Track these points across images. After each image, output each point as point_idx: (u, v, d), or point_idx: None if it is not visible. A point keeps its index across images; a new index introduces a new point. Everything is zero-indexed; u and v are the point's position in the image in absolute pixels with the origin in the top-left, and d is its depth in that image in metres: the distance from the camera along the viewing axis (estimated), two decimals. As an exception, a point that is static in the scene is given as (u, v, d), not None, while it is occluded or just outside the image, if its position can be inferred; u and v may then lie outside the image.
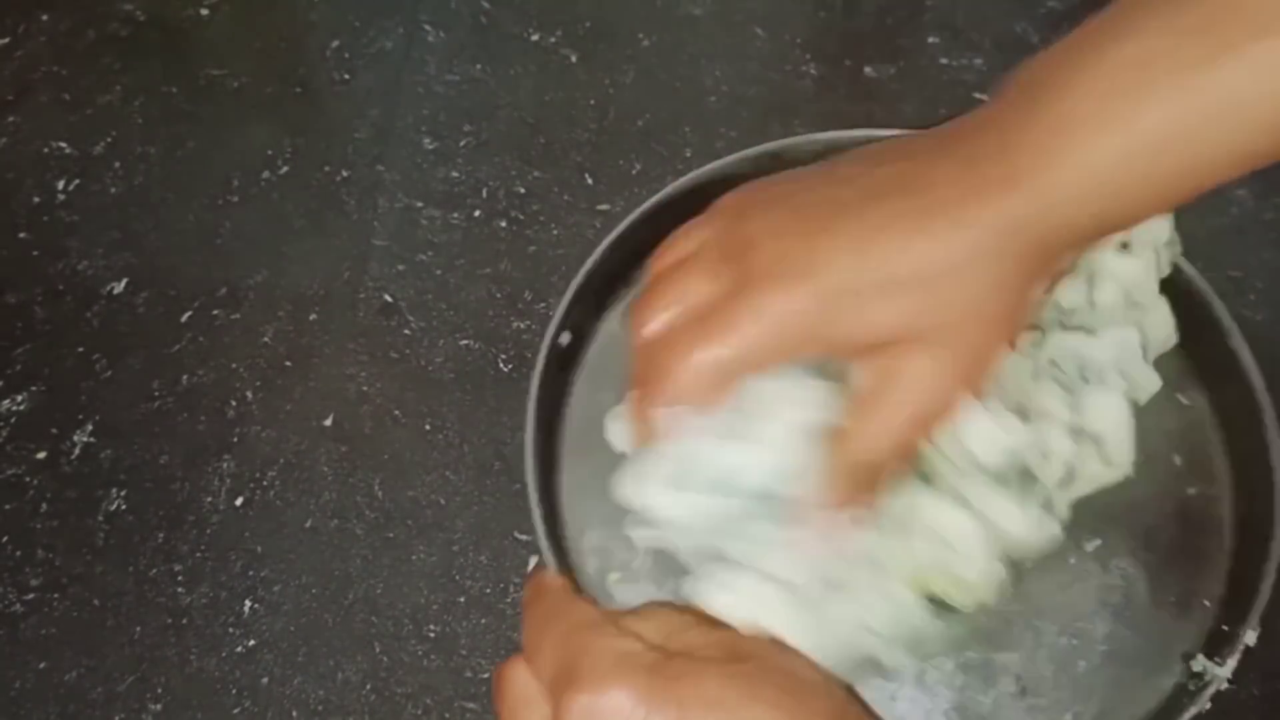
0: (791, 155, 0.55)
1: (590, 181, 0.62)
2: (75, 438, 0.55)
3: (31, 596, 0.51)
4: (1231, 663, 0.45)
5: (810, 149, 0.55)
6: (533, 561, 0.47)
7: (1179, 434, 0.52)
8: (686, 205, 0.53)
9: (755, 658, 0.39)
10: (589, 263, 0.52)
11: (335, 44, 0.67)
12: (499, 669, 0.40)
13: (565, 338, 0.52)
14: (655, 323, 0.43)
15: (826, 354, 0.41)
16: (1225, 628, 0.47)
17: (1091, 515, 0.49)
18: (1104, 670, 0.48)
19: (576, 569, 0.48)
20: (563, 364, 0.52)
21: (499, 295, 0.58)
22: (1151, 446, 0.50)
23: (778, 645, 0.42)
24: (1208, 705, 0.45)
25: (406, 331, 0.58)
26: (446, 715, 0.49)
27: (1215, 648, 0.47)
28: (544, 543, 0.46)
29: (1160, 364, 0.49)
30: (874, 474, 0.42)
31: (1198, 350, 0.52)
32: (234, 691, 0.49)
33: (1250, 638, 0.45)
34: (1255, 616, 0.46)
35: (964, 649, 0.48)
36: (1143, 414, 0.48)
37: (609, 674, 0.37)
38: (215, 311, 0.58)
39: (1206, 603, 0.49)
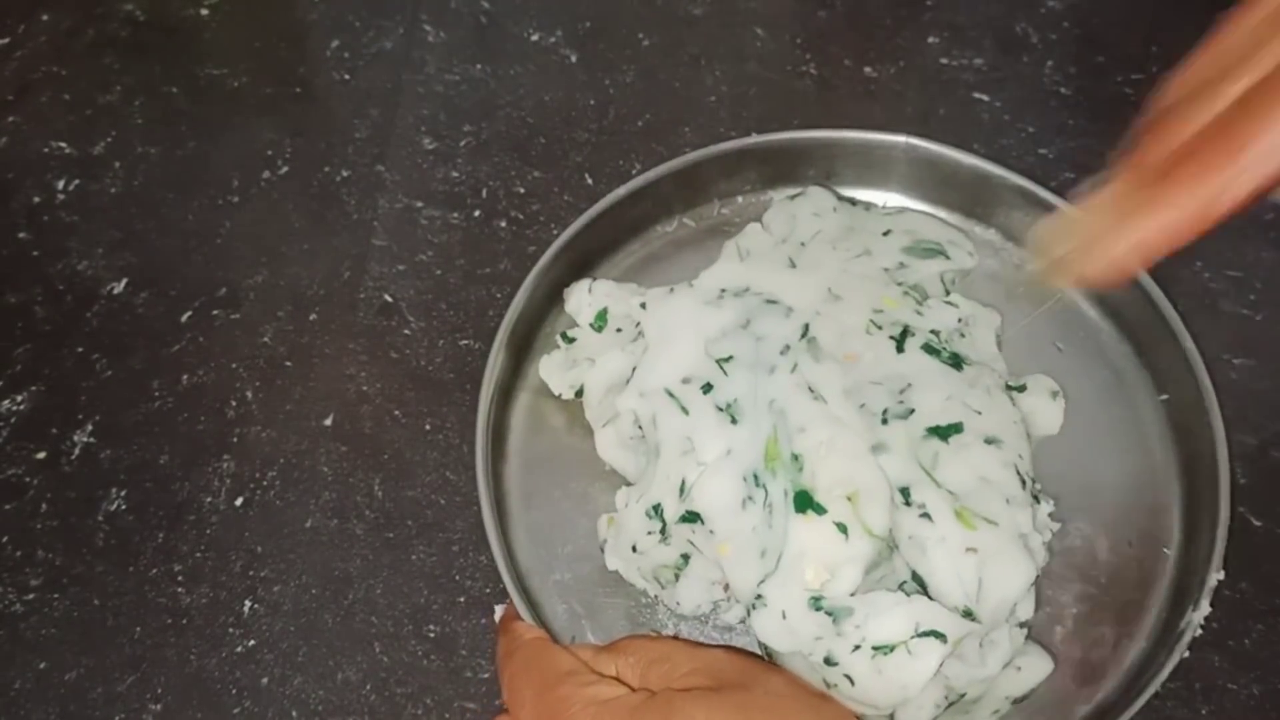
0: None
1: (590, 181, 0.62)
2: (75, 438, 0.55)
3: (31, 596, 0.51)
4: (1205, 606, 0.46)
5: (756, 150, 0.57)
6: (499, 611, 0.47)
7: (1112, 391, 0.53)
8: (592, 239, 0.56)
9: (739, 682, 0.39)
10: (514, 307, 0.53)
11: (335, 44, 0.67)
12: None
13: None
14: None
15: None
16: (1190, 573, 0.48)
17: (1042, 480, 0.49)
18: (1080, 633, 0.48)
19: (544, 612, 0.49)
20: (500, 404, 0.53)
21: (499, 295, 0.58)
22: (1091, 404, 0.52)
23: (760, 664, 0.42)
24: (1186, 653, 0.45)
25: (406, 331, 0.58)
26: (446, 715, 0.49)
27: (1182, 594, 0.48)
28: (513, 591, 0.46)
29: (1091, 333, 0.54)
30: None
31: (1130, 317, 0.54)
32: (234, 691, 0.49)
33: (1214, 580, 0.46)
34: (1217, 560, 0.46)
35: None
36: (1078, 376, 0.51)
37: None
38: (215, 311, 0.58)
39: (1167, 550, 0.50)
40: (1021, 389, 0.50)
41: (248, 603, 0.51)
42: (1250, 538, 0.51)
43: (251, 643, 0.50)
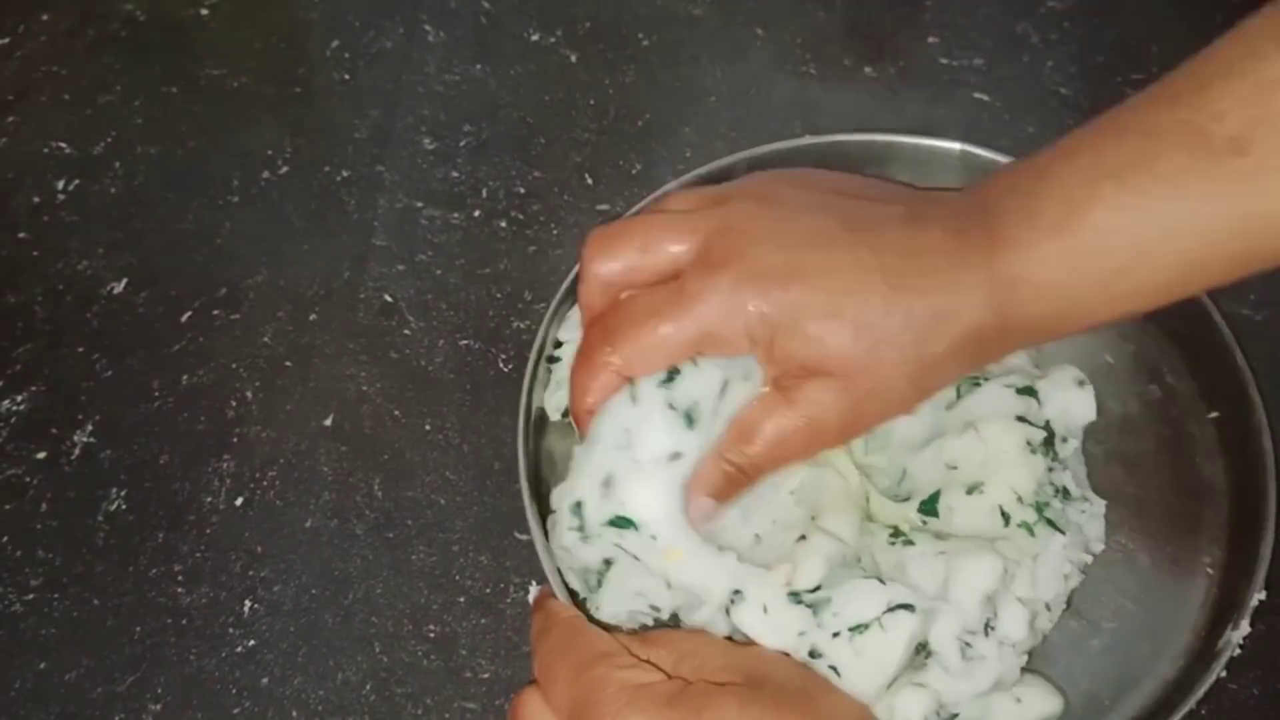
0: (786, 158, 0.56)
1: (590, 181, 0.62)
2: (75, 438, 0.55)
3: (31, 596, 0.51)
4: (1244, 625, 0.45)
5: (812, 151, 0.56)
6: (533, 590, 0.47)
7: (1161, 406, 0.53)
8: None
9: (772, 680, 0.39)
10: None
11: (335, 44, 0.67)
12: (515, 699, 0.40)
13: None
14: (614, 272, 0.44)
15: (755, 353, 0.42)
16: (1231, 591, 0.47)
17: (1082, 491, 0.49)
18: (1116, 648, 0.48)
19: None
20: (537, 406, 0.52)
21: (499, 295, 0.58)
22: (1138, 419, 0.52)
23: (794, 665, 0.42)
24: (1223, 673, 0.45)
25: (406, 331, 0.58)
26: (446, 715, 0.49)
27: (1222, 612, 0.47)
28: (551, 574, 0.45)
29: (1142, 347, 0.53)
30: (737, 482, 0.43)
31: (1182, 332, 0.53)
32: (234, 691, 0.49)
33: (1256, 599, 0.46)
34: (1260, 578, 0.46)
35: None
36: (1126, 391, 0.51)
37: (627, 707, 0.36)
38: (215, 311, 0.58)
39: (1209, 569, 0.49)
40: (1030, 391, 0.49)
41: (248, 603, 0.51)
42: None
43: (251, 643, 0.50)
